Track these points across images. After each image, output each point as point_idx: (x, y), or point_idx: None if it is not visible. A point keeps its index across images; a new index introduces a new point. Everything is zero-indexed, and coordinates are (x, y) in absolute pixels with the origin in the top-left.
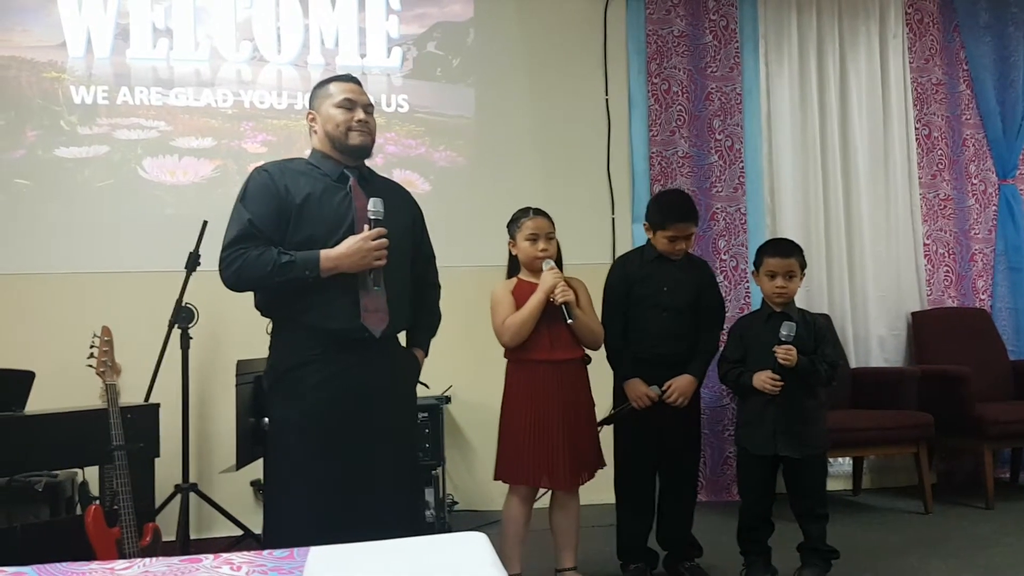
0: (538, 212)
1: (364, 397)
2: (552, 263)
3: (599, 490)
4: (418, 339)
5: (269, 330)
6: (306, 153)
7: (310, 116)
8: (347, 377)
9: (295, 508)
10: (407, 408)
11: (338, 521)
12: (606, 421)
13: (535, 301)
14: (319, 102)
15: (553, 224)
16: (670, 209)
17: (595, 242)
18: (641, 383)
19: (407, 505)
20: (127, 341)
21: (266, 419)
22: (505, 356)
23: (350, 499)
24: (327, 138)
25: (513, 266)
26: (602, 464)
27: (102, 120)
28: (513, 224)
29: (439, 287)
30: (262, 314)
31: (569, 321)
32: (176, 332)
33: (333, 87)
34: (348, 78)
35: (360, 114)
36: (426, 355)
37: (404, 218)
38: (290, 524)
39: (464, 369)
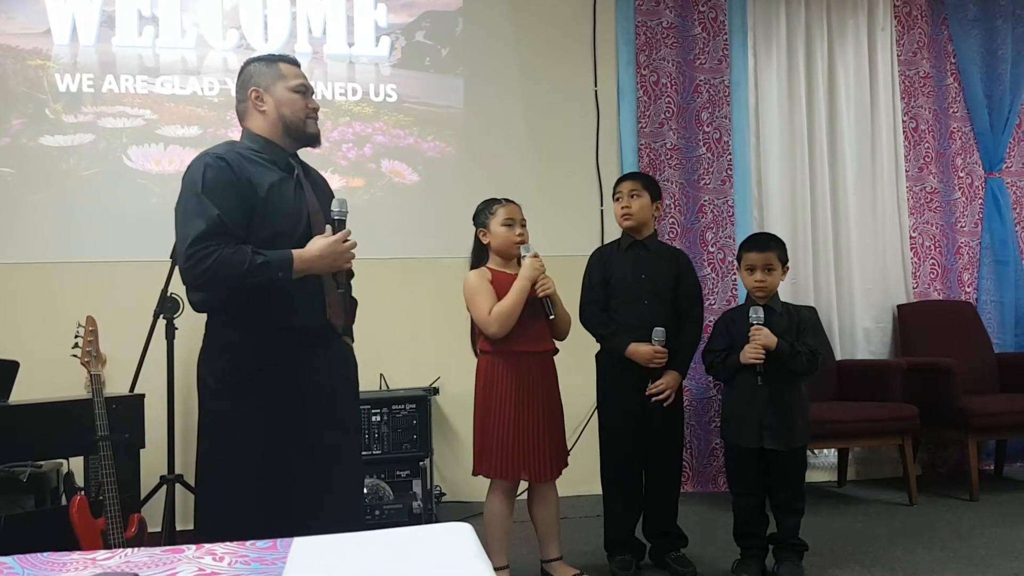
0: (509, 200)
1: (327, 392)
2: (533, 249)
3: (585, 481)
4: (346, 328)
5: (207, 324)
6: (232, 135)
7: (254, 94)
8: (312, 374)
9: (254, 505)
10: (357, 399)
11: (295, 515)
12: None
13: (520, 288)
14: (268, 81)
15: (522, 213)
16: (618, 178)
17: (583, 233)
18: (644, 344)
19: (356, 495)
20: (112, 331)
21: None
22: (481, 349)
23: (308, 492)
24: (279, 122)
25: (479, 255)
26: (567, 453)
27: (87, 108)
28: (483, 212)
29: (353, 274)
30: (201, 310)
31: (551, 316)
32: (161, 322)
33: (284, 68)
34: (295, 60)
35: (313, 101)
36: (352, 341)
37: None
38: (246, 520)
39: (451, 361)
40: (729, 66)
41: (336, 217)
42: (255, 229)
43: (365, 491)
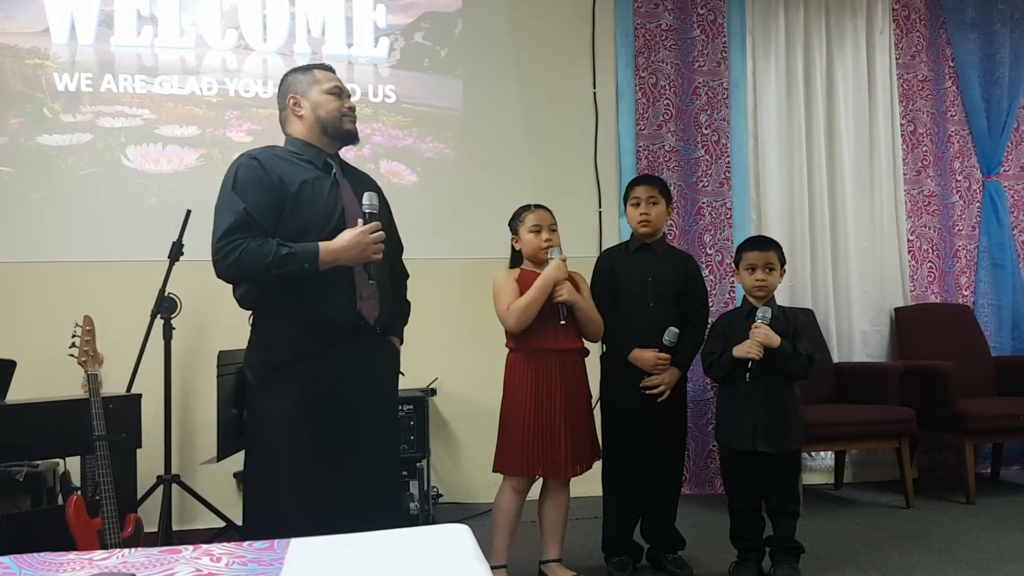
0: (539, 206)
1: (357, 387)
2: (560, 253)
3: (584, 483)
4: (394, 328)
5: (251, 322)
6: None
7: (292, 100)
8: (341, 368)
9: (287, 501)
10: (393, 396)
11: (328, 512)
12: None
13: (539, 286)
14: (304, 87)
15: (554, 217)
16: (634, 179)
17: (582, 236)
18: (647, 351)
19: (394, 492)
20: (109, 331)
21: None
22: (507, 346)
23: (340, 489)
24: (317, 123)
25: (515, 261)
26: (599, 455)
27: (85, 108)
28: (515, 219)
29: (408, 276)
30: (243, 306)
31: (562, 322)
32: (159, 322)
33: (319, 74)
34: (328, 67)
35: (348, 101)
36: (401, 343)
37: (385, 210)
38: (282, 516)
39: (449, 361)
40: (728, 69)
41: (366, 210)
42: (285, 223)
43: None
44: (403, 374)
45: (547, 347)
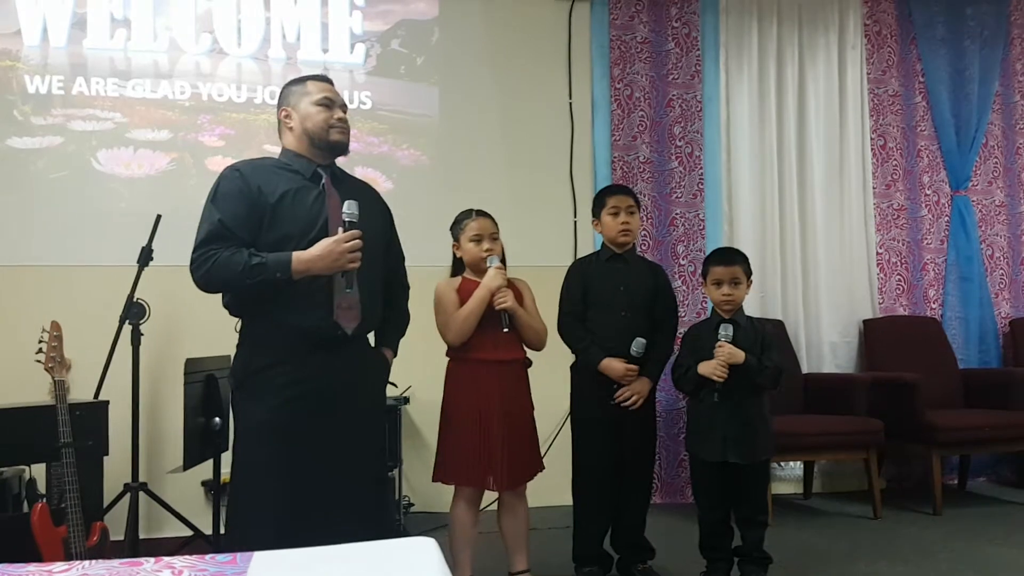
0: (481, 213)
1: (334, 396)
2: (498, 261)
3: (555, 493)
4: (387, 339)
5: (238, 329)
6: (273, 151)
7: (284, 113)
8: (318, 376)
9: (261, 509)
10: (376, 407)
11: (305, 522)
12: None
13: (478, 297)
14: (296, 99)
15: (496, 225)
16: (607, 188)
17: (557, 244)
18: (617, 360)
19: (375, 504)
20: (77, 336)
21: (217, 419)
22: (447, 355)
23: (317, 499)
24: (305, 135)
25: (457, 268)
26: (540, 467)
27: (57, 111)
28: (456, 226)
29: (408, 288)
30: (231, 313)
31: (505, 330)
32: (127, 328)
33: (311, 85)
34: (324, 78)
35: (339, 113)
36: (395, 355)
37: (377, 218)
38: (255, 525)
39: (423, 370)
40: (701, 82)
41: (346, 219)
42: (265, 233)
43: None
44: (394, 384)
45: (486, 358)
